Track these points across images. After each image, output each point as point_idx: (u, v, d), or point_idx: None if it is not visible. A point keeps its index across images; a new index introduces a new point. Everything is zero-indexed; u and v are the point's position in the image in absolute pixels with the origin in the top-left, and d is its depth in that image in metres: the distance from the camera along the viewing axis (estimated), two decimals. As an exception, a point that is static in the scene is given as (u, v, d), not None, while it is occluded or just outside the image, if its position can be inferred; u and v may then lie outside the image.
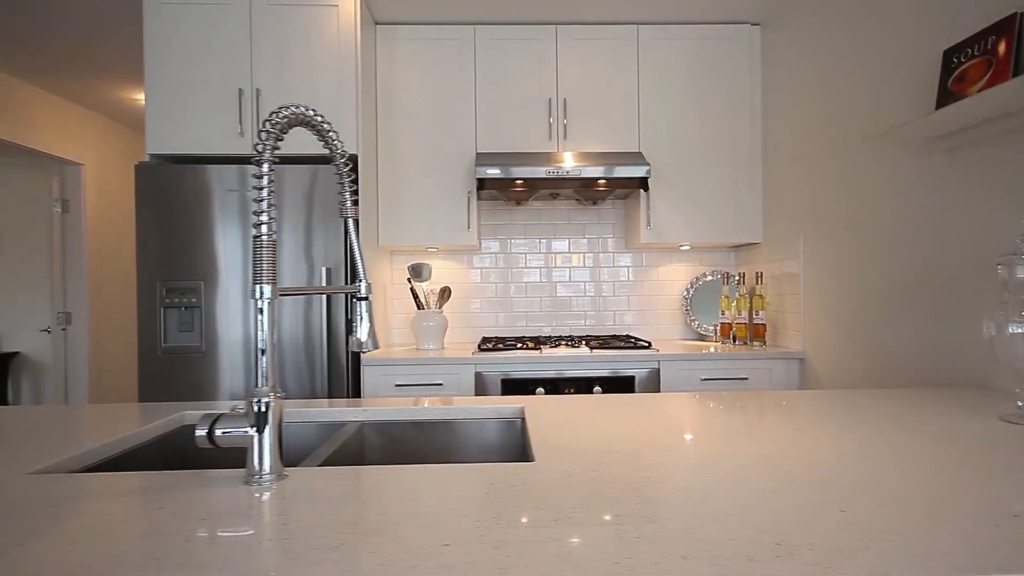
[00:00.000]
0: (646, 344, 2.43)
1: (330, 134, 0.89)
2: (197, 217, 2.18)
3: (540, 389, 2.28)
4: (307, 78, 2.27)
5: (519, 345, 2.47)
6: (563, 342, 2.55)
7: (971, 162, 1.51)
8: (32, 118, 3.48)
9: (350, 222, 0.95)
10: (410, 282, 2.66)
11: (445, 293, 2.65)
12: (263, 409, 0.77)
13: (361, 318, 0.96)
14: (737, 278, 2.73)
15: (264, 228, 0.78)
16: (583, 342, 2.54)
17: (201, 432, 0.76)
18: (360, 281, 0.96)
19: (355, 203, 0.95)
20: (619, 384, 2.31)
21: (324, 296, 2.18)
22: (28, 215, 4.45)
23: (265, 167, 0.78)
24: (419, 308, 2.62)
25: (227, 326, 2.18)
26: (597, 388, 2.29)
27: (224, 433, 0.76)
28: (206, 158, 2.31)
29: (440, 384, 2.29)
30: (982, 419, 1.08)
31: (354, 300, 0.96)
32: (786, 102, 2.47)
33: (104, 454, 0.99)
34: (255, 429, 0.76)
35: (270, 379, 0.79)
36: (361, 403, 1.31)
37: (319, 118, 0.86)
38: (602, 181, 2.45)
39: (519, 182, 2.46)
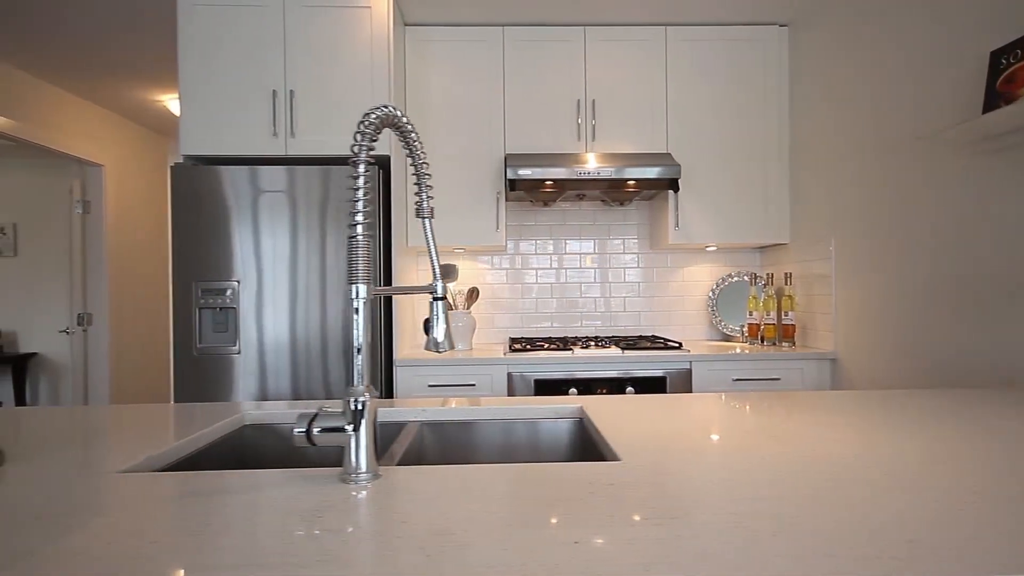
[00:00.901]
0: (676, 345, 2.43)
1: (412, 134, 0.89)
2: (232, 218, 2.19)
3: (573, 390, 2.29)
4: (340, 79, 2.28)
5: (549, 346, 2.48)
6: (593, 343, 2.55)
7: (1018, 163, 1.51)
8: (54, 119, 3.49)
9: (428, 223, 0.95)
10: (438, 283, 2.66)
11: (473, 294, 2.66)
12: (359, 407, 0.77)
13: (437, 318, 0.96)
14: (764, 279, 2.73)
15: (359, 228, 0.79)
16: (613, 343, 2.55)
17: (300, 430, 0.76)
18: (436, 281, 0.96)
19: (432, 205, 0.95)
20: (651, 384, 2.31)
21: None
22: (47, 216, 4.47)
23: (361, 168, 0.78)
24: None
25: (263, 327, 2.18)
26: (630, 389, 2.30)
27: (322, 431, 0.77)
28: (240, 159, 2.31)
29: (472, 385, 2.29)
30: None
31: (432, 301, 0.96)
32: (816, 103, 2.48)
33: (178, 454, 1.00)
34: (352, 427, 0.77)
35: (365, 378, 0.79)
36: (419, 403, 1.32)
37: (404, 119, 0.86)
38: (632, 182, 2.46)
39: (549, 183, 2.47)
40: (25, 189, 4.47)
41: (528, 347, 2.45)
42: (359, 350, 0.79)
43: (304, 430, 0.76)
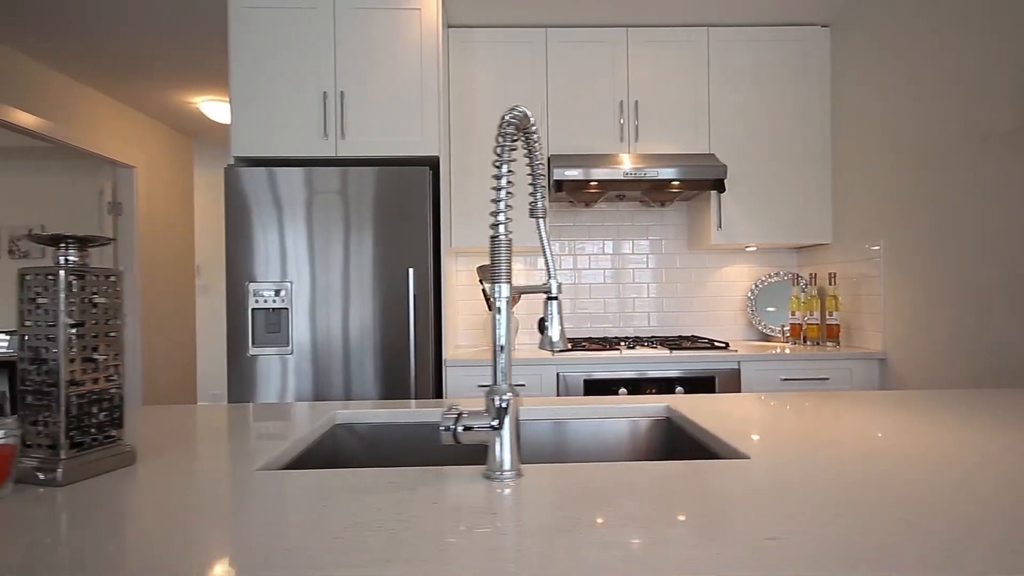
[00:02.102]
0: (723, 345, 2.43)
1: (535, 135, 0.90)
2: (284, 219, 2.20)
3: (623, 390, 2.29)
4: (390, 81, 2.29)
5: (591, 346, 2.48)
6: (638, 343, 2.56)
7: (1090, 162, 1.51)
8: (88, 120, 3.51)
9: (542, 222, 0.96)
10: (482, 283, 2.67)
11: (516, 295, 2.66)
12: (503, 406, 0.78)
13: (551, 318, 0.97)
14: (807, 279, 2.74)
15: (501, 228, 0.79)
16: (659, 343, 2.55)
17: (447, 429, 0.77)
18: (551, 280, 0.97)
19: (545, 205, 0.96)
20: (700, 384, 2.32)
21: (411, 296, 2.20)
22: (74, 218, 4.49)
23: (504, 168, 0.79)
24: (490, 309, 2.63)
25: (314, 328, 2.19)
26: (679, 388, 2.30)
27: (467, 429, 0.77)
28: (290, 161, 2.33)
29: (523, 385, 2.30)
30: None
31: (547, 300, 0.97)
32: (859, 103, 2.48)
33: (292, 452, 1.01)
34: (497, 426, 0.78)
35: (508, 376, 0.80)
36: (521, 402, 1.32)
37: (532, 118, 0.87)
38: (676, 183, 2.46)
39: (593, 184, 2.48)
40: (52, 191, 4.49)
41: (571, 347, 2.45)
42: (502, 348, 0.80)
43: (451, 429, 0.77)
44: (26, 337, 0.80)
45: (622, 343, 2.57)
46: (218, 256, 4.83)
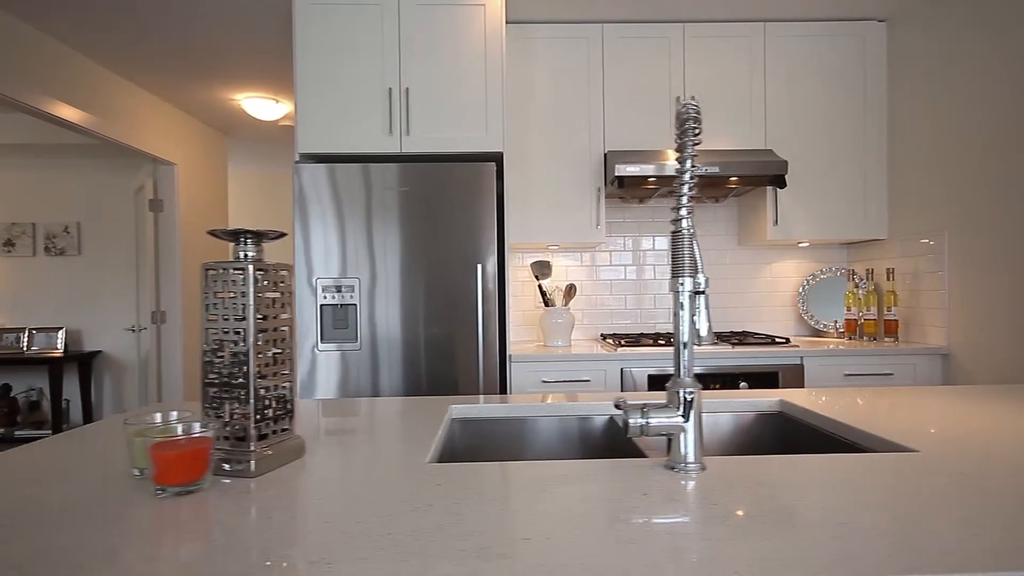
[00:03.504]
0: (784, 340, 2.44)
1: (696, 129, 0.90)
2: (351, 215, 2.20)
3: (687, 385, 2.29)
4: (454, 77, 2.29)
5: (645, 340, 2.48)
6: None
7: None
8: (130, 116, 3.51)
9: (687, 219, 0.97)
10: (537, 279, 2.68)
11: (571, 290, 2.67)
12: (690, 399, 0.79)
13: (700, 312, 0.98)
14: (863, 274, 2.74)
15: (684, 223, 0.80)
16: (718, 338, 2.55)
17: (637, 422, 0.78)
18: (699, 275, 0.97)
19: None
20: (764, 379, 2.32)
21: (480, 293, 2.20)
22: (111, 215, 4.50)
23: (688, 163, 0.79)
24: (546, 305, 2.64)
25: (384, 323, 2.20)
26: (743, 383, 2.31)
27: (656, 423, 0.78)
28: (354, 157, 2.33)
29: (587, 380, 2.31)
30: None
31: (694, 294, 0.97)
32: (918, 97, 2.48)
33: (440, 446, 1.01)
34: (683, 419, 0.78)
35: (690, 371, 0.80)
36: (626, 397, 1.33)
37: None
38: (734, 178, 2.47)
39: (652, 179, 2.48)
40: (89, 188, 4.51)
41: (623, 343, 2.45)
42: (685, 345, 0.80)
43: (640, 421, 0.78)
44: (211, 330, 0.81)
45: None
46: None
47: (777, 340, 2.44)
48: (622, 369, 2.31)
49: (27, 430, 4.46)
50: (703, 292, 1.00)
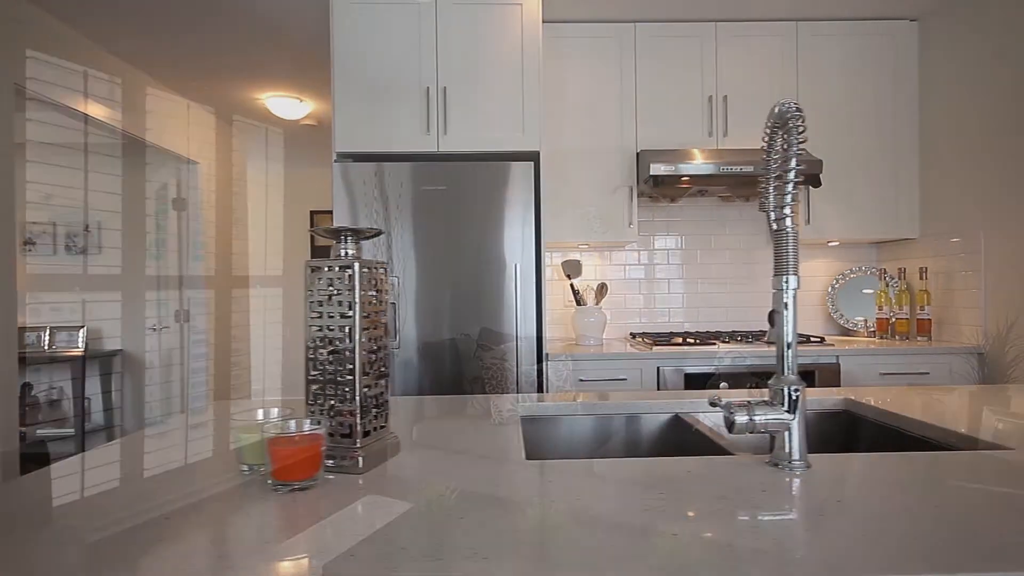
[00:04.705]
0: (819, 339, 2.44)
1: (801, 131, 0.91)
2: (389, 214, 2.21)
3: (724, 384, 2.30)
4: (491, 76, 2.30)
5: (675, 339, 2.48)
6: (731, 338, 2.56)
7: None
8: (156, 115, 3.52)
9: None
10: (569, 278, 2.68)
11: (603, 289, 2.67)
12: (795, 397, 0.79)
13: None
14: (895, 274, 2.74)
15: (788, 222, 0.80)
16: (752, 337, 2.55)
17: (743, 419, 0.78)
18: (791, 275, 0.98)
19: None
20: (801, 378, 2.32)
21: (516, 294, 2.21)
22: (131, 214, 4.51)
23: (793, 162, 0.80)
24: (578, 304, 2.65)
25: (422, 322, 2.20)
26: (780, 383, 2.31)
27: (761, 420, 0.78)
28: (392, 156, 2.33)
29: (624, 379, 2.31)
30: None
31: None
32: (951, 97, 2.48)
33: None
34: (790, 415, 0.79)
35: (795, 368, 0.81)
36: (682, 395, 1.33)
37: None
38: (769, 177, 2.46)
39: (685, 178, 2.48)
40: (110, 187, 4.51)
41: (657, 342, 2.44)
42: (789, 345, 0.81)
43: (746, 419, 0.78)
44: (316, 328, 0.82)
45: (720, 337, 2.58)
46: (274, 250, 4.86)
47: (812, 339, 2.44)
48: (658, 368, 2.31)
49: (49, 428, 4.47)
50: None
